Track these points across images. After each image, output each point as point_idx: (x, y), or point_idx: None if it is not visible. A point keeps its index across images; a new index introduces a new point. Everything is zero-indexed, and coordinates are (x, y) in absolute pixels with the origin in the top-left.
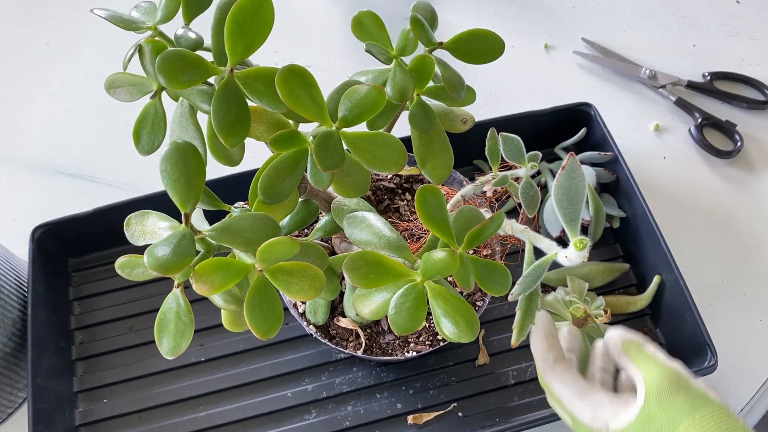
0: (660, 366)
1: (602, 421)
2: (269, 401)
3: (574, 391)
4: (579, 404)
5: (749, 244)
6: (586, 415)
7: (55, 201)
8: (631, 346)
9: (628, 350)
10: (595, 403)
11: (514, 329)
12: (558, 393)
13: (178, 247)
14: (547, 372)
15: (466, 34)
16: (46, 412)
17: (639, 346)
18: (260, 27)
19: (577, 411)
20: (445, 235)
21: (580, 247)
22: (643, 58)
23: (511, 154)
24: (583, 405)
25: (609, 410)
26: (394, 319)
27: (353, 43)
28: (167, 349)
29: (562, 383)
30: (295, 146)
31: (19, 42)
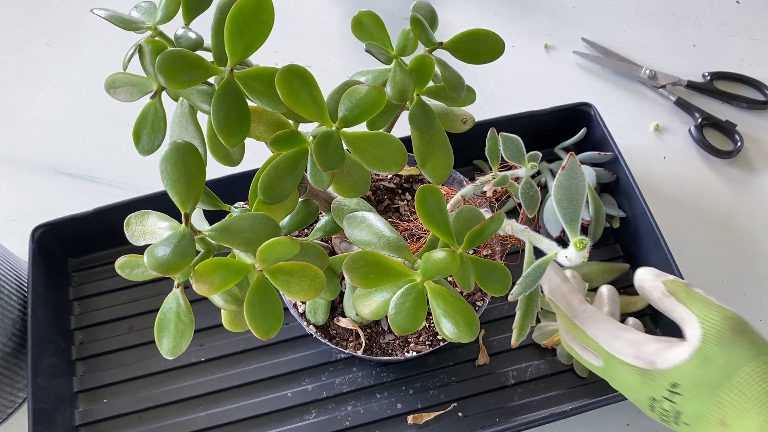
0: (719, 309)
1: (647, 359)
2: (269, 401)
3: (610, 331)
4: (618, 343)
5: (749, 244)
6: (628, 354)
7: (55, 201)
8: (679, 288)
9: (676, 292)
10: (636, 340)
11: (514, 329)
12: (594, 333)
13: (178, 247)
14: (577, 314)
15: (466, 34)
16: (46, 412)
17: (688, 289)
18: (260, 27)
19: (616, 350)
20: (445, 235)
21: (581, 247)
22: (643, 58)
23: (511, 154)
24: (624, 343)
25: (654, 348)
26: (394, 319)
27: (353, 43)
28: (167, 349)
29: (596, 323)
30: (295, 146)
31: (19, 42)
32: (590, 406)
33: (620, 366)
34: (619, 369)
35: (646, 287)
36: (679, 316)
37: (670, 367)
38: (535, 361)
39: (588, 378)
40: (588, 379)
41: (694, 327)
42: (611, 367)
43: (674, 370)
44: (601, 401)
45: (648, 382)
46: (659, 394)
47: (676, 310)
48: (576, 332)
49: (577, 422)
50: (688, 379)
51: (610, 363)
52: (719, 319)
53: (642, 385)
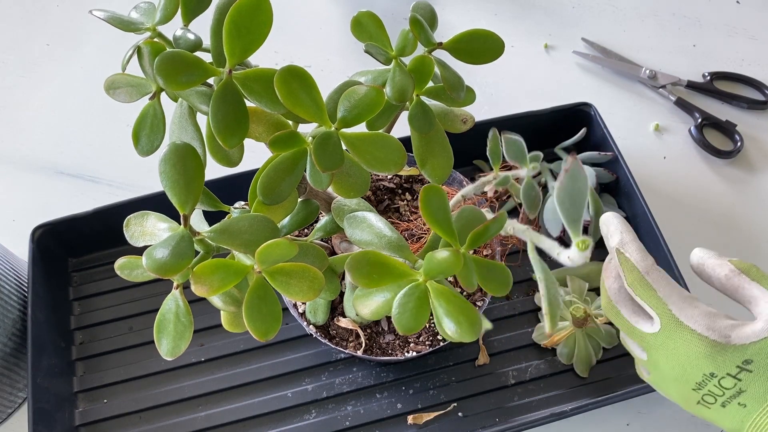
0: None
1: (721, 331)
2: (269, 401)
3: (684, 296)
4: (692, 310)
5: (749, 244)
6: (701, 323)
7: (55, 201)
8: (751, 268)
9: (748, 271)
10: (709, 312)
11: (545, 316)
12: (665, 294)
13: (176, 249)
14: (651, 270)
15: (466, 34)
16: (46, 412)
17: (759, 270)
18: (259, 28)
19: (687, 316)
20: (447, 235)
21: (583, 248)
22: (643, 58)
23: (513, 155)
24: (698, 312)
25: (728, 323)
26: (399, 319)
27: (353, 43)
28: (166, 350)
29: (670, 285)
30: (294, 147)
31: (19, 42)
32: (590, 406)
33: (686, 334)
34: (683, 337)
35: (709, 264)
36: (750, 295)
37: (747, 343)
38: (535, 361)
39: (588, 378)
40: (588, 379)
41: None
42: (671, 333)
43: (751, 346)
44: (601, 401)
45: (715, 356)
46: (724, 370)
47: (747, 288)
48: (643, 289)
49: (577, 422)
50: (766, 356)
51: (672, 329)
52: None
53: (706, 358)
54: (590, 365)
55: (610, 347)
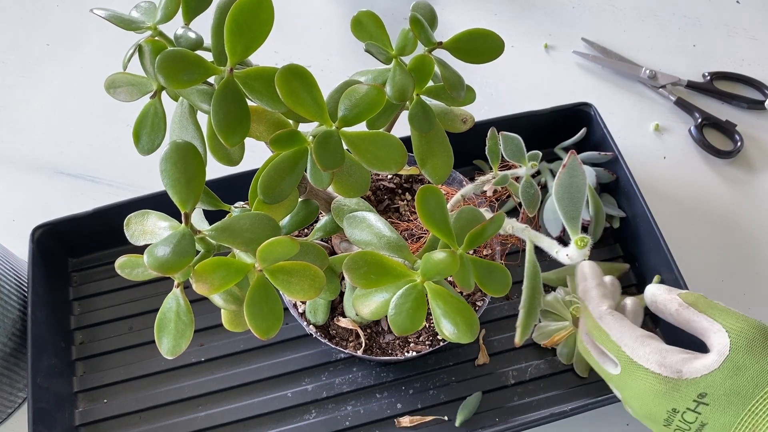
0: (745, 319)
1: (673, 367)
2: (269, 401)
3: (635, 336)
4: (643, 349)
5: (749, 244)
6: (652, 361)
7: (55, 201)
8: (698, 299)
9: (695, 303)
10: (661, 349)
11: (517, 327)
12: (617, 337)
13: (177, 247)
14: (603, 316)
15: (466, 33)
16: (46, 412)
17: (707, 300)
18: (260, 27)
19: (638, 356)
20: (445, 236)
21: (581, 245)
22: (643, 58)
23: (511, 154)
24: (649, 350)
25: (680, 357)
26: (394, 319)
27: (353, 43)
28: (167, 349)
29: (621, 327)
30: (295, 146)
31: (19, 42)
32: (590, 406)
33: (641, 374)
34: (640, 377)
35: (660, 301)
36: (700, 327)
37: (698, 377)
38: (535, 361)
39: (588, 378)
40: (588, 379)
41: (721, 336)
42: (630, 374)
43: (702, 379)
44: (601, 401)
45: (671, 393)
46: (683, 405)
47: (696, 320)
48: (599, 334)
49: (577, 422)
50: (718, 388)
51: (629, 370)
52: (748, 327)
53: (663, 395)
54: (590, 365)
55: None
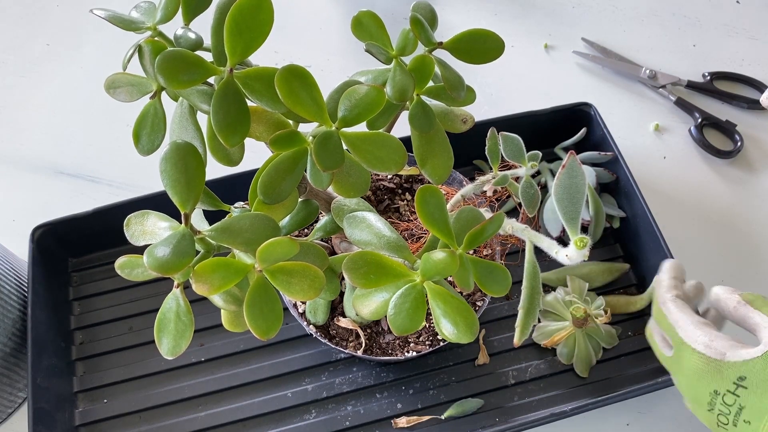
0: None
1: (718, 350)
2: (269, 401)
3: (690, 320)
4: (695, 331)
5: (749, 244)
6: (700, 341)
7: (55, 201)
8: (757, 299)
9: (753, 301)
10: (711, 333)
11: (516, 328)
12: (674, 318)
13: (177, 247)
14: (666, 300)
15: (466, 34)
16: (46, 412)
17: (765, 299)
18: (260, 27)
19: (690, 336)
20: (444, 236)
21: (581, 246)
22: (643, 58)
23: (511, 154)
24: (699, 333)
25: (727, 343)
26: (394, 319)
27: (353, 43)
28: (167, 349)
29: (680, 311)
30: (295, 146)
31: (19, 42)
32: (590, 406)
33: (690, 353)
34: (688, 356)
35: (722, 298)
36: (753, 323)
37: (740, 361)
38: (535, 361)
39: (588, 378)
40: (588, 379)
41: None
42: (681, 354)
43: (744, 364)
44: (601, 401)
45: (713, 373)
46: (723, 386)
47: (751, 317)
48: (659, 317)
49: (577, 422)
50: (758, 374)
51: (680, 350)
52: None
53: (705, 374)
54: (590, 365)
55: (610, 347)
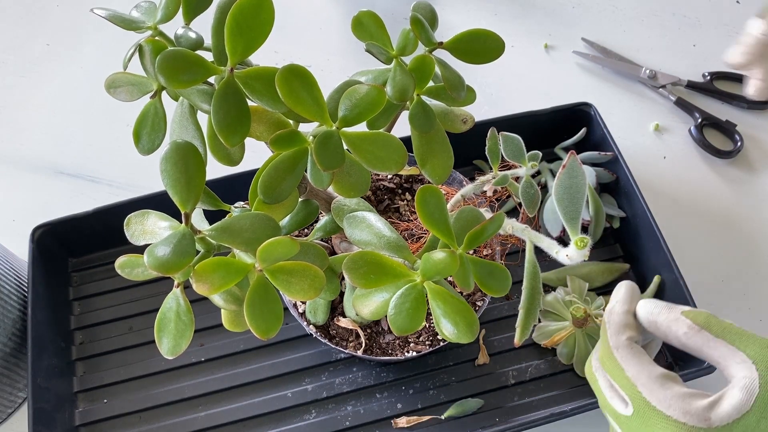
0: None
1: (699, 415)
2: (269, 401)
3: (654, 377)
4: (663, 392)
5: (749, 244)
6: (675, 407)
7: (55, 201)
8: (710, 320)
9: (707, 326)
10: (682, 393)
11: (517, 328)
12: (633, 373)
13: (178, 247)
14: (619, 347)
15: (466, 34)
16: (46, 412)
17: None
18: (260, 27)
19: (658, 400)
20: (445, 236)
21: (581, 246)
22: (643, 58)
23: (511, 154)
24: (670, 395)
25: (703, 402)
26: (394, 319)
27: (353, 43)
28: (167, 349)
29: (640, 365)
30: (295, 146)
31: (19, 42)
32: (590, 406)
33: (660, 421)
34: (659, 425)
35: (662, 321)
36: (717, 355)
37: (730, 423)
38: (535, 361)
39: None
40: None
41: (745, 368)
42: (645, 420)
43: (735, 425)
44: None
45: None
46: None
47: (713, 347)
48: (612, 367)
49: (577, 422)
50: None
51: (644, 415)
52: None
53: None
54: None
55: None
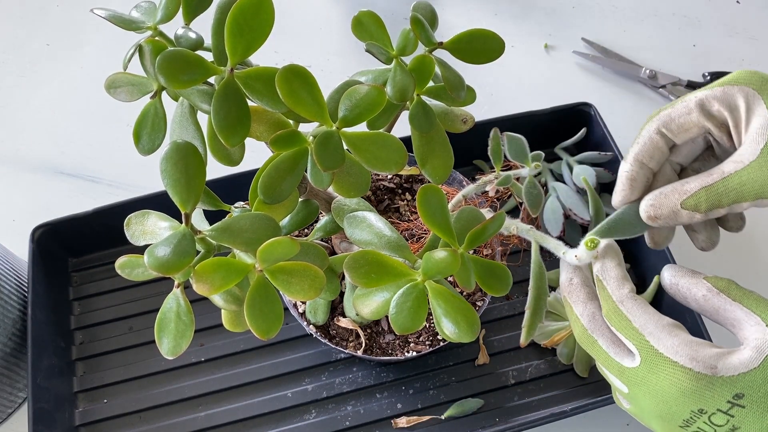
0: None
1: (706, 362)
2: (269, 401)
3: (662, 325)
4: (671, 340)
5: (749, 244)
6: (683, 354)
7: (55, 201)
8: (731, 286)
9: (727, 290)
10: (691, 341)
11: (523, 328)
12: (641, 323)
13: (178, 247)
14: (625, 299)
15: (466, 34)
16: (46, 412)
17: (740, 287)
18: (260, 27)
19: (666, 347)
20: (446, 235)
21: (591, 246)
22: (643, 58)
23: (514, 154)
24: (678, 341)
25: (714, 352)
26: (395, 318)
27: (353, 43)
28: (167, 349)
29: (647, 314)
30: (295, 146)
31: (19, 42)
32: (590, 406)
33: (668, 367)
34: (665, 371)
35: (683, 284)
36: (733, 317)
37: (735, 375)
38: (535, 361)
39: (588, 378)
40: (588, 379)
41: (760, 330)
42: (653, 368)
43: (740, 378)
44: (601, 401)
45: (702, 391)
46: (714, 405)
47: (729, 309)
48: (618, 320)
49: (577, 422)
50: (758, 389)
51: (652, 363)
52: None
53: (692, 393)
54: (590, 365)
55: None
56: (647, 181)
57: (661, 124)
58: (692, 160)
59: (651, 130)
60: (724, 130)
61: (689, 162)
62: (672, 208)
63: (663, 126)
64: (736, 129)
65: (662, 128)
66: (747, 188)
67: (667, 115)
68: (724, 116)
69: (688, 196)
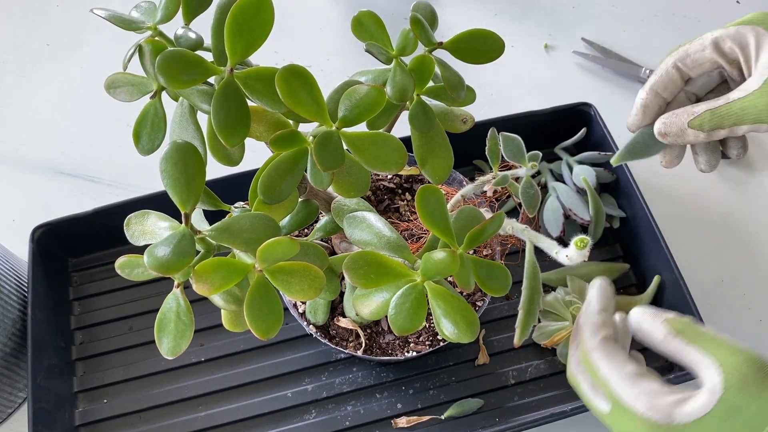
0: (738, 351)
1: (663, 411)
2: (269, 401)
3: (625, 375)
4: (631, 391)
5: (749, 244)
6: (640, 404)
7: (55, 201)
8: (686, 326)
9: (683, 331)
10: (650, 390)
11: (516, 328)
12: (605, 375)
13: (178, 247)
14: (594, 349)
15: (466, 34)
16: (46, 412)
17: (696, 326)
18: (260, 27)
19: (628, 398)
20: (445, 236)
21: (581, 246)
22: (643, 58)
23: (511, 154)
24: (638, 392)
25: (672, 400)
26: (394, 319)
27: (353, 43)
28: (167, 349)
29: (612, 364)
30: (295, 146)
31: (19, 42)
32: None
33: (630, 416)
34: (629, 419)
35: (645, 328)
36: (690, 360)
37: (690, 422)
38: (535, 361)
39: None
40: None
41: (713, 372)
42: (619, 416)
43: (694, 425)
44: None
45: None
46: None
47: (686, 352)
48: (588, 368)
49: (577, 422)
50: None
51: (618, 411)
52: (741, 361)
53: None
54: None
55: None
56: (659, 108)
57: (677, 59)
58: (707, 92)
59: (668, 64)
60: (735, 66)
61: (704, 93)
62: (680, 126)
63: (679, 61)
64: (746, 64)
65: (678, 63)
66: (747, 113)
67: (684, 51)
68: (736, 53)
69: (695, 116)
